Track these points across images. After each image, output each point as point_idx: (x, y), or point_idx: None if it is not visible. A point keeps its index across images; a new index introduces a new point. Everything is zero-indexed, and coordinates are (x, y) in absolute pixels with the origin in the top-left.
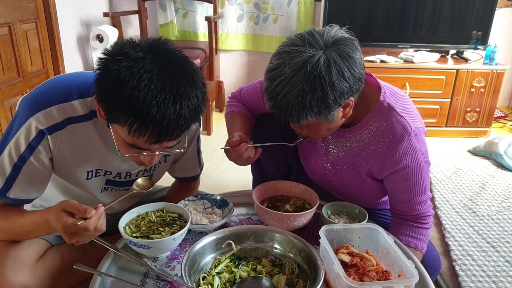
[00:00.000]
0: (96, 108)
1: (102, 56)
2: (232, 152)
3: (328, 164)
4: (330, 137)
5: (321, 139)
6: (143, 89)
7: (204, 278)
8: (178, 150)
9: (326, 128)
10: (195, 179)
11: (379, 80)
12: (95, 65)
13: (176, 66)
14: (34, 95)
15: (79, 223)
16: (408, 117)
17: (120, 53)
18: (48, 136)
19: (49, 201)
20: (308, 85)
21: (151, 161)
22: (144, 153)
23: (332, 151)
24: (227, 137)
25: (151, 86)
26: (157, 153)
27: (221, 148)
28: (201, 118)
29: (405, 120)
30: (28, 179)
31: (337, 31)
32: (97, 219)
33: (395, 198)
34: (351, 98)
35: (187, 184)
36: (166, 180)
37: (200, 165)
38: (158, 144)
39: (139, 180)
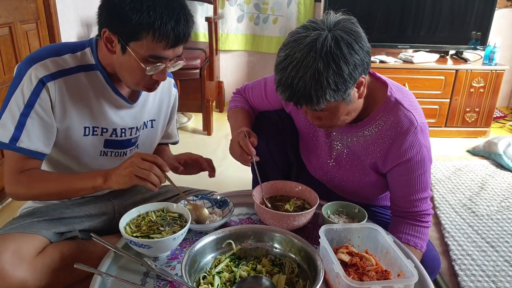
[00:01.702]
0: (104, 44)
1: None
2: (247, 144)
3: (332, 160)
4: (334, 133)
5: (325, 135)
6: (157, 1)
7: (204, 277)
8: (181, 62)
9: (346, 111)
10: (176, 143)
11: (384, 77)
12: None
13: None
14: (28, 56)
15: None
16: (414, 111)
17: None
18: (47, 84)
19: None
20: (321, 62)
21: (164, 75)
22: (159, 64)
23: (336, 147)
24: (228, 138)
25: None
26: (168, 66)
27: (242, 130)
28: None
29: (412, 115)
30: (34, 129)
31: (335, 15)
32: (162, 161)
33: (396, 194)
34: (363, 76)
35: (166, 147)
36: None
37: (177, 132)
38: (172, 50)
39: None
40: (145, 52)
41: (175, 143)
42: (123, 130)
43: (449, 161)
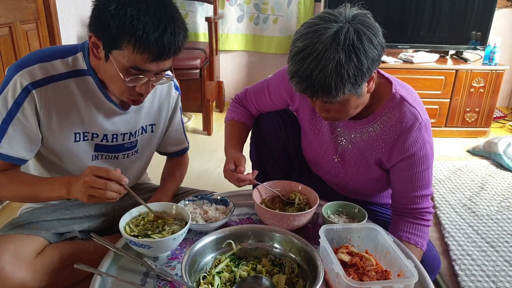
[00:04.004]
0: (90, 49)
1: None
2: (234, 176)
3: (337, 156)
4: (339, 129)
5: (329, 132)
6: (142, 10)
7: (204, 277)
8: (169, 75)
9: (355, 105)
10: (185, 152)
11: (387, 74)
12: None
13: None
14: (18, 61)
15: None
16: (419, 108)
17: None
18: (33, 91)
19: None
20: (343, 55)
21: (147, 89)
22: (141, 76)
23: (341, 143)
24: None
25: (149, 8)
26: (152, 80)
27: (227, 168)
28: (179, 86)
29: (416, 111)
30: (15, 136)
31: (351, 9)
32: (119, 176)
33: (398, 190)
34: (375, 70)
35: (177, 160)
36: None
37: (186, 138)
38: (155, 64)
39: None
40: (126, 62)
41: (184, 150)
42: (115, 136)
43: (449, 161)
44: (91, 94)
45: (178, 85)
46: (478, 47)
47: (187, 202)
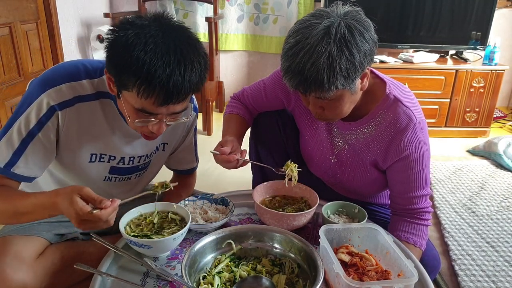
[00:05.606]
0: (107, 82)
1: (110, 28)
2: (219, 158)
3: (334, 157)
4: (335, 130)
5: (326, 132)
6: (149, 52)
7: (204, 277)
8: (184, 119)
9: (349, 101)
10: (192, 172)
11: (382, 75)
12: (105, 36)
13: (180, 34)
14: (44, 75)
15: (94, 212)
16: (413, 108)
17: (127, 23)
18: (59, 112)
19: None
20: (335, 48)
21: (159, 129)
22: (152, 119)
23: (337, 144)
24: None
25: (157, 49)
26: (164, 120)
27: (210, 152)
28: (198, 108)
29: (410, 111)
30: (33, 155)
31: (343, 6)
32: (112, 211)
33: (395, 191)
34: (368, 67)
35: (184, 179)
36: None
37: (196, 158)
38: (165, 107)
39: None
40: (134, 104)
41: (192, 169)
42: (132, 159)
43: (449, 161)
44: (113, 117)
45: (197, 106)
46: (478, 47)
47: (187, 202)
